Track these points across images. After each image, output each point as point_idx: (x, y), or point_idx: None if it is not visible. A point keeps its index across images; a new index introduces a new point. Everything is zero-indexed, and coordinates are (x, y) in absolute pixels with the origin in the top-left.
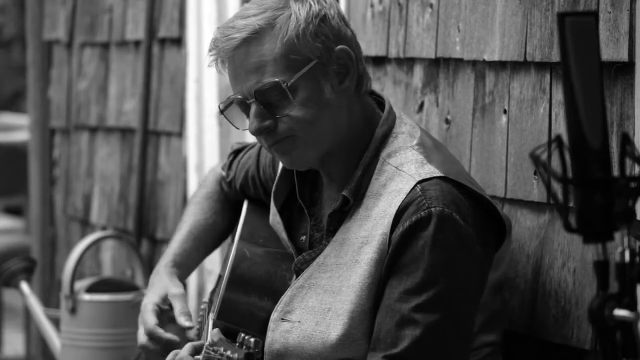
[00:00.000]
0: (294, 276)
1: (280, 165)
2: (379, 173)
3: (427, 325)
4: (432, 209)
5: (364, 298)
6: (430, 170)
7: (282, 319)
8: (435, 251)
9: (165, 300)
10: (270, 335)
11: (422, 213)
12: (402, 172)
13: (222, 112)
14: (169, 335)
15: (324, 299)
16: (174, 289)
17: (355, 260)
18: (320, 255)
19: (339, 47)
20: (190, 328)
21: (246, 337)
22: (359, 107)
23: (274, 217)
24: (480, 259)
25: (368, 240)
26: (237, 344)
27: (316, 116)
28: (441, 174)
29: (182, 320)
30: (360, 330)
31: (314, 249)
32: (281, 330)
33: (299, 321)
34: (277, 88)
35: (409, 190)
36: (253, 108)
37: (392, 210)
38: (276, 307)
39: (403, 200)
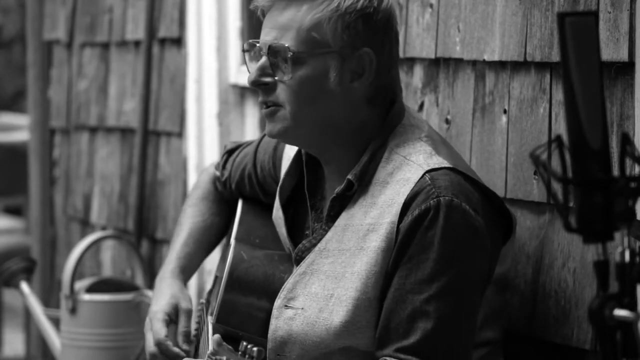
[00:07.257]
0: (295, 266)
1: (286, 160)
2: (387, 161)
3: (439, 317)
4: (441, 198)
5: (370, 286)
6: (439, 161)
7: (286, 305)
8: (445, 241)
9: (176, 310)
10: (274, 323)
11: (431, 202)
12: (411, 161)
13: (245, 51)
14: (177, 350)
15: (327, 285)
16: (184, 302)
17: (360, 247)
18: (321, 241)
19: (366, 49)
20: (186, 351)
21: (249, 346)
22: (367, 112)
23: (277, 212)
24: (489, 251)
25: (374, 227)
26: (240, 353)
27: (310, 98)
28: (450, 165)
29: (180, 341)
30: (364, 318)
31: (314, 235)
32: (285, 318)
33: (302, 308)
34: (283, 53)
35: (417, 179)
36: (262, 60)
37: (401, 199)
38: (279, 294)
39: (412, 189)
